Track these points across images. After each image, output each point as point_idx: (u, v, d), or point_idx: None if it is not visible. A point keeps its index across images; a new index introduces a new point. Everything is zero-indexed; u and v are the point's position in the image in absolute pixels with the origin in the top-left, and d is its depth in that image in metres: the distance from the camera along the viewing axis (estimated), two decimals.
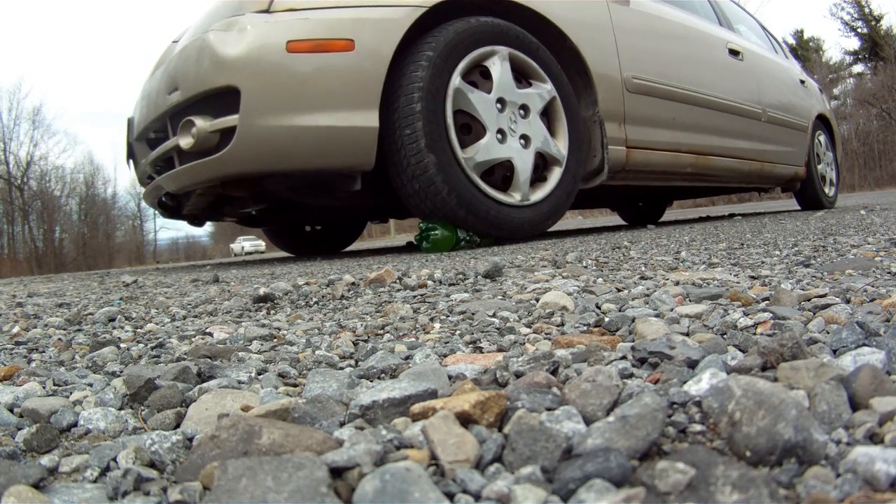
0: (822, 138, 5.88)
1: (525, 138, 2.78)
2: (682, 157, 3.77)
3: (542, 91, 2.87)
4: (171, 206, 3.29)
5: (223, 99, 2.39)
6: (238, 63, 2.33)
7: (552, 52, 3.00)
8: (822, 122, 5.94)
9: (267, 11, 2.42)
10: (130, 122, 3.26)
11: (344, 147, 2.42)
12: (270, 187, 2.73)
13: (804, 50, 31.60)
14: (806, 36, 32.78)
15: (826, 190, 5.82)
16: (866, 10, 29.18)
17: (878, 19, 29.02)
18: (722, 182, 4.63)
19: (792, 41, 32.51)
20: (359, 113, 2.40)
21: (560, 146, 2.92)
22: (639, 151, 3.40)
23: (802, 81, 5.70)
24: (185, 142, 2.47)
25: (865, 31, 29.42)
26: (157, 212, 3.51)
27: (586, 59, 3.07)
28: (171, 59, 2.71)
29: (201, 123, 2.43)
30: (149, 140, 3.07)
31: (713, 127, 4.02)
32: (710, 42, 4.18)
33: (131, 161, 3.38)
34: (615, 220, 8.80)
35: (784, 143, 4.97)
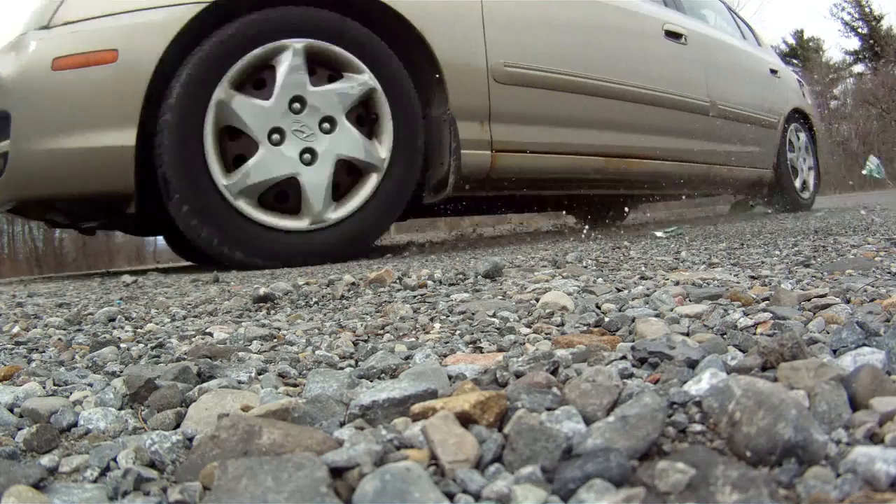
0: (801, 136, 5.19)
1: (321, 146, 2.33)
2: (582, 160, 3.13)
3: (353, 84, 2.37)
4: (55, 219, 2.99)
5: (2, 123, 2.22)
6: (9, 85, 2.19)
7: (397, 39, 2.47)
8: (801, 117, 5.24)
9: (47, 27, 2.23)
10: None
11: (100, 170, 2.19)
12: (62, 209, 2.51)
13: (804, 50, 31.62)
14: (806, 36, 32.81)
15: (802, 194, 5.12)
16: (866, 10, 29.22)
17: (879, 19, 29.05)
18: (653, 189, 3.97)
19: (792, 41, 32.54)
20: (115, 132, 2.17)
21: (381, 149, 2.43)
22: (510, 155, 2.78)
23: (774, 71, 4.93)
24: None
25: (865, 31, 29.45)
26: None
27: (431, 45, 2.48)
28: None
29: None
30: None
31: (633, 123, 3.35)
32: (634, 21, 3.48)
33: None
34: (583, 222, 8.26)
35: (743, 141, 4.27)
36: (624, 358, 0.63)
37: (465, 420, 0.44)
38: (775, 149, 4.71)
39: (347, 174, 2.40)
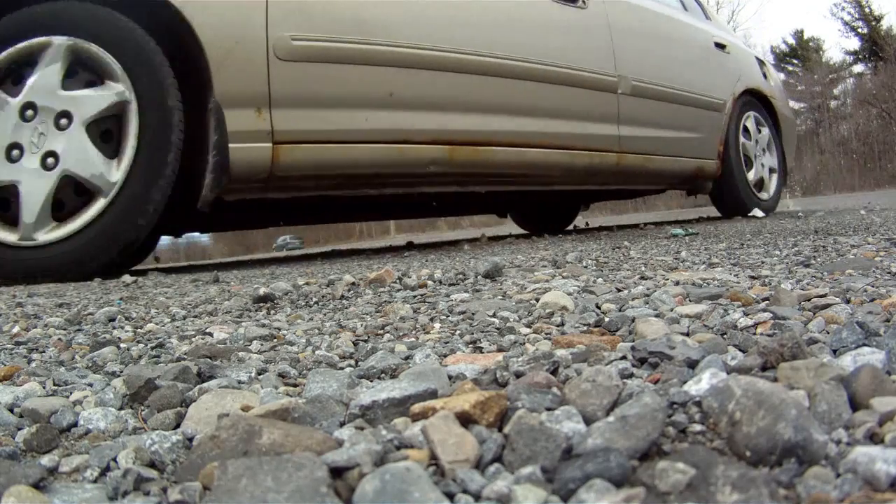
0: (759, 123, 4.29)
1: (52, 156, 1.99)
2: (413, 149, 2.53)
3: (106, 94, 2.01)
4: None
5: None
6: None
7: (152, 16, 2.09)
8: (761, 101, 4.36)
9: None
10: None
11: None
12: None
13: (804, 50, 31.62)
14: (806, 36, 32.83)
15: (760, 192, 4.23)
16: (866, 10, 29.23)
17: (879, 19, 29.08)
18: (532, 183, 3.15)
19: (792, 41, 32.54)
20: None
21: (114, 166, 2.04)
22: (302, 147, 2.30)
23: (721, 46, 4.05)
24: None
25: (865, 31, 29.47)
26: None
27: (190, 20, 2.06)
28: None
29: None
30: None
31: (496, 103, 2.73)
32: None
33: None
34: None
35: (671, 125, 3.51)
36: (624, 358, 0.63)
37: (465, 420, 0.44)
38: (721, 136, 3.87)
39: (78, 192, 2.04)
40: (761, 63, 4.61)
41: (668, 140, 3.52)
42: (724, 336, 0.70)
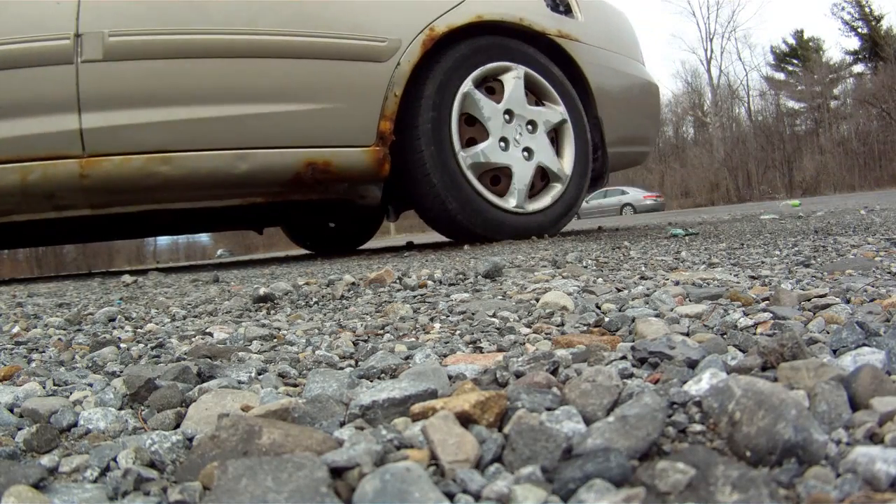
0: (509, 84, 2.63)
1: None
2: None
3: None
4: None
5: None
6: None
7: None
8: (544, 48, 2.75)
9: None
10: None
11: None
12: None
13: (804, 50, 31.62)
14: (806, 36, 32.81)
15: (506, 199, 2.65)
16: (866, 10, 29.24)
17: (879, 19, 29.09)
18: None
19: (792, 41, 32.54)
20: None
21: None
22: None
23: None
24: None
25: (865, 31, 29.48)
26: None
27: None
28: None
29: None
30: None
31: None
32: None
33: None
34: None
35: (226, 95, 2.25)
36: (624, 358, 0.63)
37: (465, 420, 0.44)
38: (384, 104, 2.41)
39: None
40: None
41: (213, 122, 2.22)
42: (724, 336, 0.70)
